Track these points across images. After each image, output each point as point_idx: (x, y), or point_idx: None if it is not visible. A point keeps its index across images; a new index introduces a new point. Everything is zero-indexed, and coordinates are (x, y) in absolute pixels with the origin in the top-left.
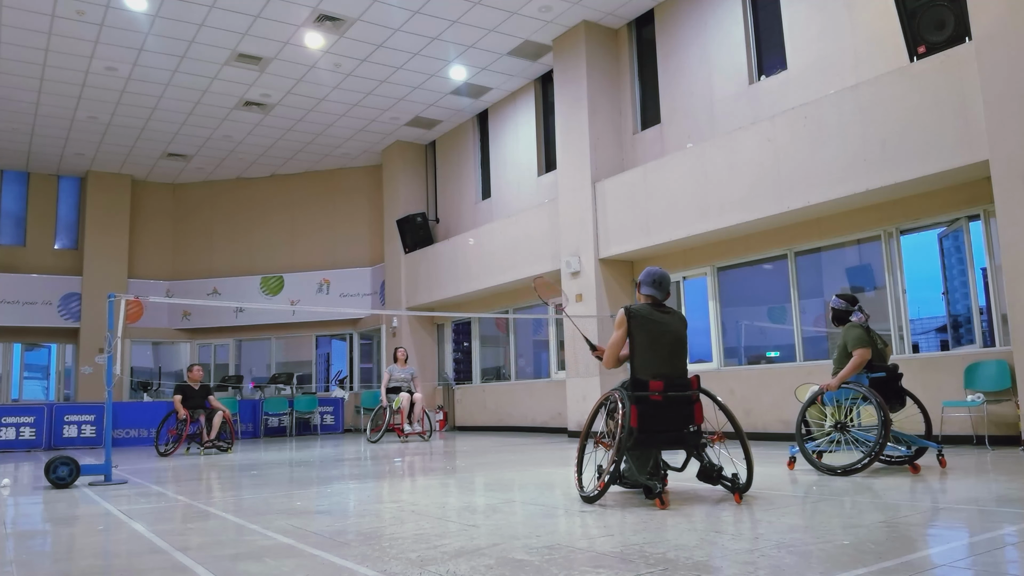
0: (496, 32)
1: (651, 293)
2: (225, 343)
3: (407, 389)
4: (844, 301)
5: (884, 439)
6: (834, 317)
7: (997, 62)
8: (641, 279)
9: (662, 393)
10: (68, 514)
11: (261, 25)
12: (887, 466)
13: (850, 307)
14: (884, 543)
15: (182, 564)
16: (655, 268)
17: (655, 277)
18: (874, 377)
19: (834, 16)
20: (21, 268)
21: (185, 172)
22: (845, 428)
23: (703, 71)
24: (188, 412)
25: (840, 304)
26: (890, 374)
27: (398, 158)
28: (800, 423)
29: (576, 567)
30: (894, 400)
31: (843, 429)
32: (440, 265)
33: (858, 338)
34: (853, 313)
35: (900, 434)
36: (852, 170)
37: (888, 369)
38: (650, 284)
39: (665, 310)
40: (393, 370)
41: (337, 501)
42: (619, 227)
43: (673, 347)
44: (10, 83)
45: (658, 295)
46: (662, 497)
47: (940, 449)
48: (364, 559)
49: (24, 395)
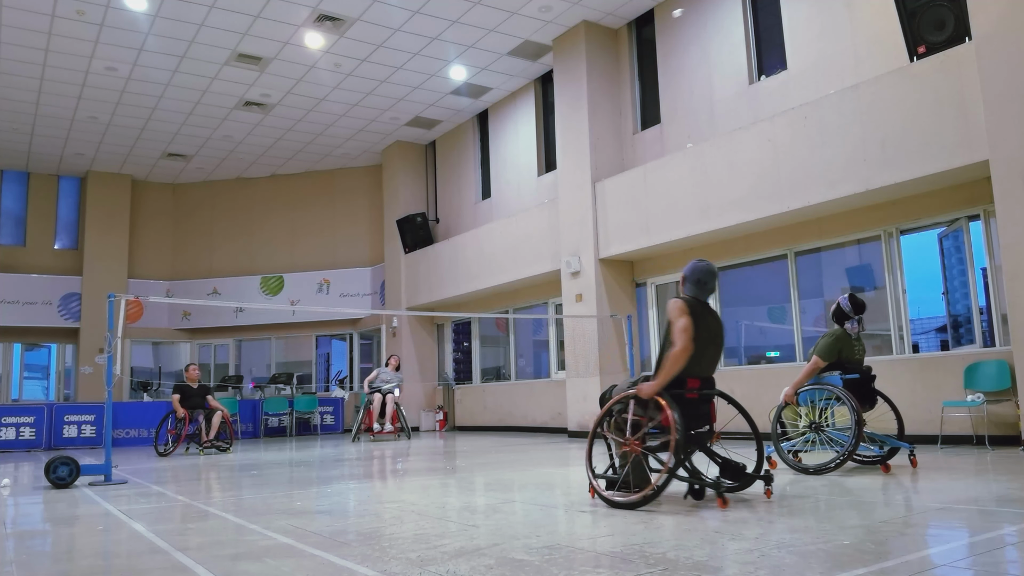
0: (496, 32)
1: (694, 295)
2: (225, 343)
3: (387, 391)
4: (852, 306)
5: (857, 439)
6: (834, 314)
7: (997, 62)
8: (686, 275)
9: (698, 391)
10: (68, 514)
11: (261, 25)
12: (860, 466)
13: (852, 313)
14: (884, 543)
15: (182, 564)
16: (701, 264)
17: (699, 276)
18: (848, 378)
19: (834, 16)
20: (21, 268)
21: (185, 172)
22: (820, 428)
23: (703, 71)
24: (187, 412)
25: (847, 306)
26: (863, 376)
27: (398, 158)
28: (775, 423)
29: (576, 567)
30: (866, 401)
31: (818, 429)
32: (440, 265)
33: (826, 347)
34: (850, 320)
35: (874, 434)
36: (852, 170)
37: (862, 371)
38: (694, 283)
39: (709, 309)
40: (382, 371)
41: (337, 501)
42: (619, 227)
43: (713, 346)
44: (10, 83)
45: (701, 296)
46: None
47: (912, 449)
48: (364, 559)
49: (24, 395)
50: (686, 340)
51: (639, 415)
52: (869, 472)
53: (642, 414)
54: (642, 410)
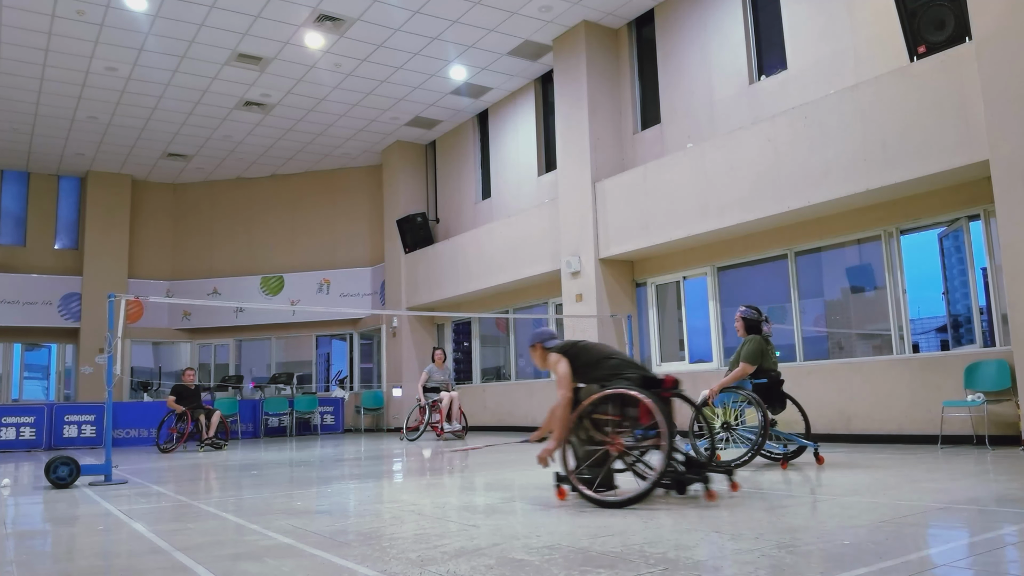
0: (496, 32)
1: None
2: (225, 343)
3: (445, 389)
4: (755, 312)
5: (763, 437)
6: (745, 327)
7: (997, 62)
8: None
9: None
10: (68, 514)
11: (261, 25)
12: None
13: (758, 317)
14: (884, 543)
15: (182, 564)
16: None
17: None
18: (757, 383)
19: (834, 16)
20: (21, 268)
21: (185, 172)
22: (731, 428)
23: (703, 71)
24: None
25: (751, 315)
26: (771, 380)
27: (398, 158)
28: (692, 422)
29: (576, 567)
30: (777, 403)
31: (729, 428)
32: (440, 265)
33: (750, 352)
34: (763, 323)
35: (780, 433)
36: (852, 170)
37: (770, 376)
38: None
39: None
40: (432, 371)
41: (337, 501)
42: (619, 227)
43: None
44: (10, 83)
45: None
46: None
47: (816, 447)
48: (364, 559)
49: (24, 395)
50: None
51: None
52: (868, 472)
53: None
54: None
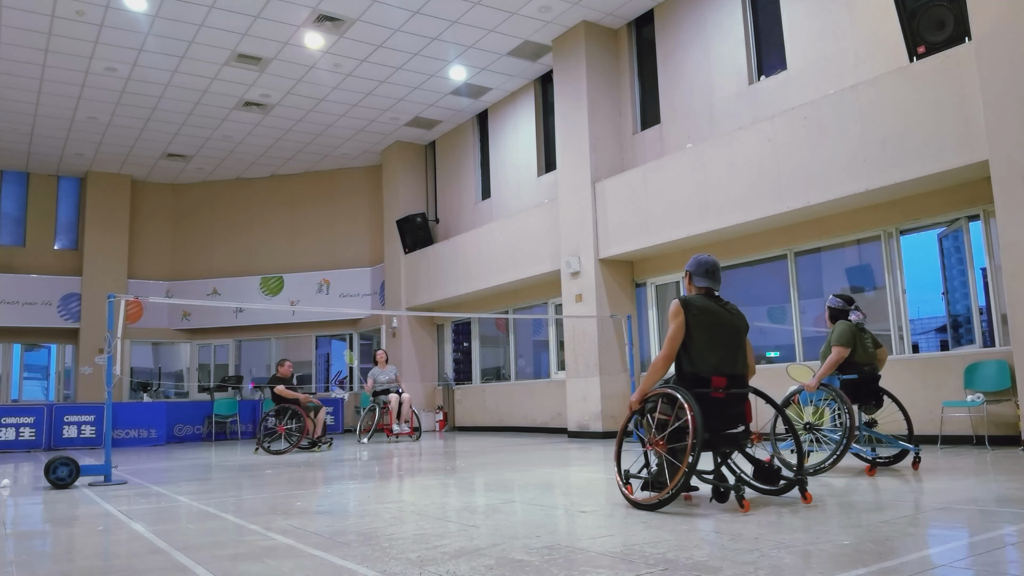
0: (496, 32)
1: (706, 285)
2: (225, 343)
3: (394, 390)
4: (841, 300)
5: (849, 440)
6: (830, 316)
7: (997, 62)
8: (691, 269)
9: (725, 390)
10: (68, 514)
11: (261, 25)
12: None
13: (846, 306)
14: (884, 543)
15: (182, 564)
16: (704, 256)
17: (707, 267)
18: (846, 379)
19: (834, 16)
20: (21, 268)
21: (185, 172)
22: (814, 428)
23: (703, 71)
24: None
25: (837, 303)
26: (863, 376)
27: (398, 158)
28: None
29: (576, 567)
30: (871, 401)
31: (812, 429)
32: (440, 265)
33: (841, 335)
34: (851, 312)
35: (878, 434)
36: (852, 170)
37: (862, 371)
38: (703, 275)
39: (722, 302)
40: (375, 374)
41: (337, 501)
42: (619, 227)
43: (734, 341)
44: (10, 83)
45: (713, 285)
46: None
47: (917, 451)
48: (364, 559)
49: (24, 395)
50: (669, 351)
51: (666, 414)
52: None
53: (669, 413)
54: (669, 408)
